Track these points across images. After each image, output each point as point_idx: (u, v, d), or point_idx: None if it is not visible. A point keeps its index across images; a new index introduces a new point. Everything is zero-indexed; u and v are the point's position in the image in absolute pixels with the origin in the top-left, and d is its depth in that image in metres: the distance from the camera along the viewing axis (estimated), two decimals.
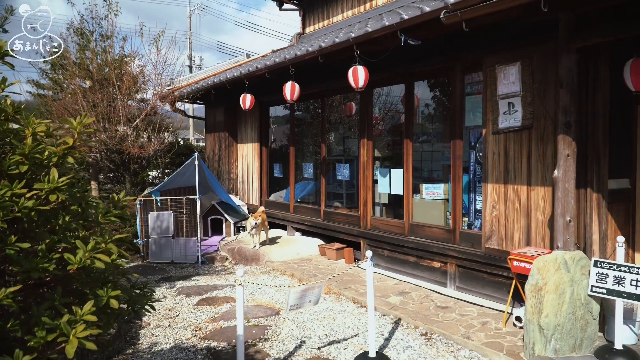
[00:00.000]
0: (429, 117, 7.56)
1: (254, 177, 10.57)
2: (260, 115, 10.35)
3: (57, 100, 8.85)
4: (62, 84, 9.32)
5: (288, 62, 7.19)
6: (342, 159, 8.61)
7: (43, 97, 9.53)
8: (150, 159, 9.66)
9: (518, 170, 5.25)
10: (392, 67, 6.86)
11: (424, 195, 6.64)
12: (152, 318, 5.66)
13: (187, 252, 8.45)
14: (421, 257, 6.52)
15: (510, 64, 5.25)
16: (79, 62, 9.74)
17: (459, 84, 6.02)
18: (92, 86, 9.29)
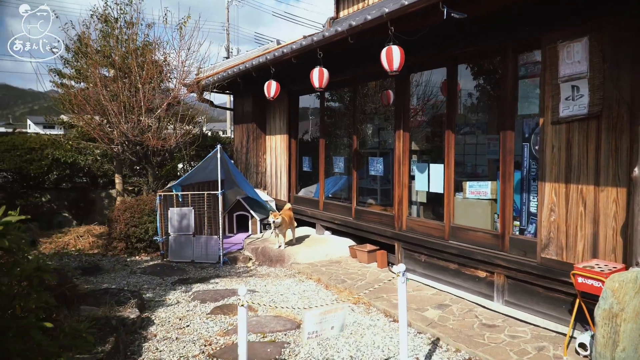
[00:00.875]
0: (473, 106, 6.72)
1: (282, 171, 9.94)
2: (289, 105, 9.69)
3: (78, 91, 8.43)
4: (85, 72, 8.91)
5: (315, 44, 6.48)
6: (376, 152, 7.86)
7: (66, 87, 9.16)
8: (173, 151, 9.15)
9: (583, 167, 4.38)
10: (432, 48, 6.07)
11: (468, 194, 5.83)
12: (160, 328, 5.11)
13: (208, 252, 7.90)
14: (463, 265, 5.72)
15: (575, 39, 4.38)
16: (101, 50, 9.33)
17: (511, 66, 5.17)
18: (115, 75, 8.86)
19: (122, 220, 8.19)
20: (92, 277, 7.06)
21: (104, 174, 10.72)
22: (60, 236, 9.05)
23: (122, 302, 5.48)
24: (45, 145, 9.54)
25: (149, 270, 7.37)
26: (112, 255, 8.31)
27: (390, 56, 5.10)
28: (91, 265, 7.71)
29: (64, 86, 9.19)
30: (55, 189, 10.18)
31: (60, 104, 8.69)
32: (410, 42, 5.64)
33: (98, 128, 8.37)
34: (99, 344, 4.20)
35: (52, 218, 10.13)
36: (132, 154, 8.94)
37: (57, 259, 7.99)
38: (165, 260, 7.95)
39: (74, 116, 8.49)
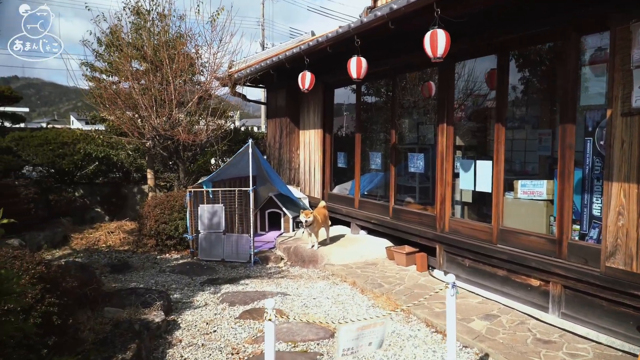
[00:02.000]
0: (526, 96, 6.17)
1: (316, 167, 9.57)
2: (323, 98, 9.30)
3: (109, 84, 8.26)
4: (117, 65, 8.74)
5: (353, 31, 6.06)
6: (416, 147, 7.39)
7: (97, 81, 9.03)
8: (204, 146, 8.90)
9: None
10: (480, 34, 5.56)
11: (520, 193, 5.30)
12: (186, 333, 4.82)
13: (239, 250, 7.60)
14: (514, 272, 5.21)
15: None
16: (133, 42, 9.15)
17: (572, 51, 4.62)
18: (147, 68, 8.66)
19: (152, 217, 7.99)
20: (120, 275, 6.86)
21: (136, 169, 10.59)
22: (92, 232, 8.94)
23: (149, 303, 5.22)
24: (78, 140, 9.46)
25: (178, 269, 7.13)
26: (142, 252, 8.11)
27: (435, 41, 4.63)
28: (120, 262, 7.54)
29: (95, 79, 9.06)
30: (88, 184, 10.11)
31: (92, 97, 8.55)
32: (455, 28, 5.17)
33: (129, 122, 8.18)
34: (120, 352, 3.93)
35: (84, 213, 10.06)
36: (163, 149, 8.73)
37: (87, 256, 7.85)
38: (195, 259, 7.70)
39: (105, 110, 8.33)
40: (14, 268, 3.41)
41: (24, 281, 3.32)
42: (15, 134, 9.29)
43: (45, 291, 3.43)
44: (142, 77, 8.53)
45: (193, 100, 8.37)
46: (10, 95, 10.28)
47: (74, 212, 9.91)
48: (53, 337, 3.40)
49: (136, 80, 8.49)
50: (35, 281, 3.42)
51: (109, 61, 9.32)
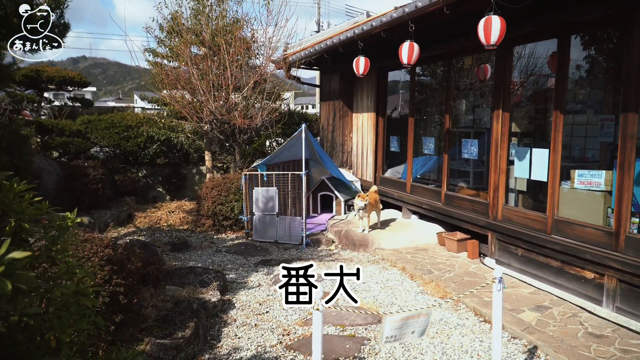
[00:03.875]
0: (585, 82, 5.93)
1: (369, 150, 9.59)
2: (377, 82, 9.26)
3: (170, 70, 8.59)
4: (177, 51, 9.06)
5: (407, 16, 6.00)
6: (470, 132, 7.27)
7: (160, 66, 9.40)
8: (259, 129, 9.12)
9: None
10: (540, 17, 5.37)
11: (577, 183, 5.15)
12: (240, 313, 5.07)
13: (292, 232, 7.82)
14: (567, 263, 5.10)
15: None
16: (192, 28, 9.44)
17: (637, 34, 4.39)
18: (205, 54, 8.93)
19: (209, 198, 8.33)
20: (180, 254, 7.24)
21: (195, 151, 11.00)
22: (154, 211, 9.43)
23: (206, 282, 5.52)
24: (141, 123, 9.93)
25: (233, 249, 7.44)
26: (200, 231, 8.50)
27: (489, 28, 4.54)
28: (180, 241, 7.94)
29: (157, 65, 9.43)
30: (150, 165, 10.62)
31: (154, 82, 8.94)
32: (514, 11, 5.02)
33: (188, 106, 8.50)
34: (180, 329, 4.21)
35: (147, 192, 10.60)
36: (220, 132, 9.02)
37: (150, 234, 8.32)
38: (249, 239, 7.99)
39: (167, 95, 8.70)
40: (85, 251, 3.72)
41: (93, 263, 3.62)
42: (84, 118, 9.88)
43: (112, 272, 3.72)
44: (200, 62, 8.80)
45: (249, 85, 8.57)
46: (80, 81, 10.92)
47: (138, 192, 10.47)
48: (120, 314, 3.70)
49: (195, 65, 8.77)
50: (104, 263, 3.71)
51: (170, 47, 9.66)
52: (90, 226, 7.98)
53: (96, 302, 1.74)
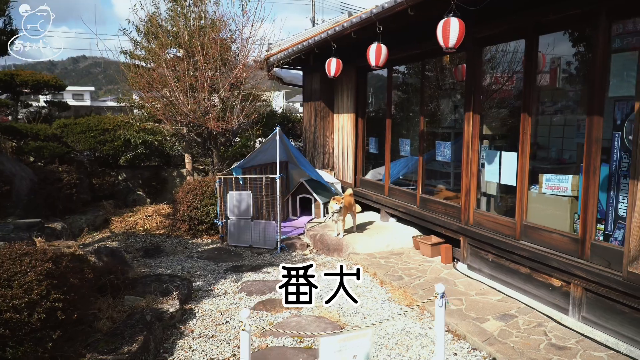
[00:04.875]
0: (562, 82, 5.77)
1: (349, 151, 9.45)
2: (356, 82, 9.11)
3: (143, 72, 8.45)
4: (154, 53, 8.92)
5: (374, 17, 5.86)
6: (445, 135, 7.12)
7: (136, 68, 9.24)
8: (236, 132, 8.98)
9: None
10: (508, 18, 5.23)
11: (544, 188, 5.01)
12: (200, 323, 4.95)
13: (266, 237, 7.69)
14: (536, 270, 4.97)
15: None
16: (170, 30, 9.30)
17: (602, 36, 4.25)
18: (185, 55, 8.78)
19: (185, 202, 8.20)
20: (151, 260, 7.11)
21: (177, 153, 10.88)
22: (131, 215, 9.31)
23: (169, 291, 5.38)
24: (119, 126, 9.79)
25: (206, 255, 7.31)
26: (176, 236, 8.38)
27: (447, 30, 4.39)
28: (154, 246, 7.82)
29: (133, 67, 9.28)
30: (130, 168, 10.49)
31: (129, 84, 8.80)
32: (483, 11, 4.90)
33: (163, 109, 8.37)
34: (127, 343, 4.07)
35: (127, 196, 10.47)
36: (196, 135, 8.88)
37: (124, 239, 8.19)
38: (224, 244, 7.86)
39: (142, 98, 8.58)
40: (23, 265, 3.59)
41: (30, 278, 3.49)
42: (60, 122, 9.75)
43: (51, 287, 3.58)
44: (177, 64, 8.66)
45: (224, 87, 8.43)
46: (56, 84, 10.78)
47: (117, 195, 10.34)
48: (58, 331, 3.57)
49: (172, 67, 8.63)
50: (42, 278, 3.57)
51: (147, 49, 9.52)
52: (64, 232, 7.86)
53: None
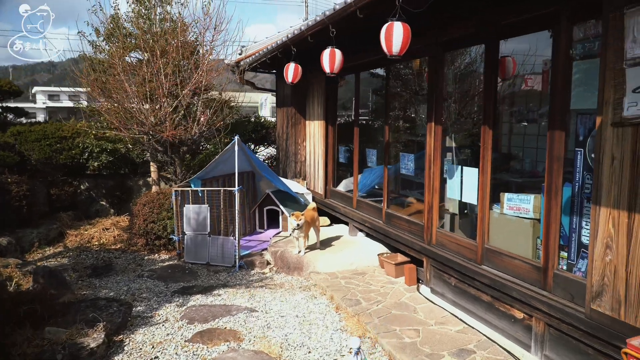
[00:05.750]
0: (519, 94, 5.33)
1: (319, 161, 8.98)
2: (326, 88, 8.64)
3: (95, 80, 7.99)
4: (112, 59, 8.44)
5: (327, 20, 5.40)
6: (409, 146, 6.66)
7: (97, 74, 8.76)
8: (197, 140, 8.50)
9: None
10: (467, 20, 4.77)
11: (506, 209, 4.54)
12: (126, 359, 4.46)
13: (225, 254, 7.22)
14: (497, 299, 4.50)
15: None
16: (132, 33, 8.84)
17: (563, 41, 3.79)
18: (145, 59, 8.31)
19: (141, 215, 7.74)
20: (97, 280, 6.65)
21: (144, 162, 10.40)
22: (88, 228, 8.83)
23: (98, 320, 4.90)
24: (78, 134, 9.31)
25: (158, 273, 6.85)
26: (133, 251, 7.91)
27: (390, 36, 3.93)
28: (105, 263, 7.35)
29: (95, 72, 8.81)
30: (93, 177, 10.02)
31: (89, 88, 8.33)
32: (443, 14, 4.47)
33: (117, 117, 7.90)
34: None
35: (90, 206, 10.00)
36: (157, 143, 8.40)
37: (76, 255, 7.72)
38: (181, 261, 7.39)
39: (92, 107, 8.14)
40: None
41: None
42: (14, 129, 9.26)
43: None
44: (135, 69, 8.19)
45: (184, 93, 7.96)
46: (10, 90, 10.29)
47: (80, 206, 9.87)
48: None
49: (131, 72, 8.17)
50: None
51: (108, 52, 9.05)
52: (10, 248, 7.39)
53: None
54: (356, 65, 7.34)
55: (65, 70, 9.84)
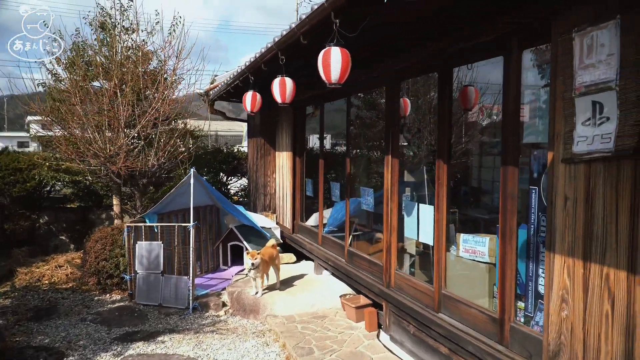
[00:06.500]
0: (489, 125, 4.99)
1: (287, 194, 8.58)
2: (293, 117, 8.32)
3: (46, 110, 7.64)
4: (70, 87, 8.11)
5: (276, 47, 5.07)
6: (370, 180, 6.29)
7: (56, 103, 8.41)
8: (155, 172, 8.10)
9: (611, 238, 2.61)
10: (421, 47, 4.44)
11: (462, 251, 4.13)
12: None
13: (178, 294, 6.72)
14: (454, 352, 4.04)
15: (598, 24, 2.63)
16: (93, 61, 8.52)
17: (513, 68, 3.45)
18: (106, 88, 7.98)
19: (92, 252, 7.26)
20: (36, 324, 6.13)
21: (108, 194, 9.96)
22: (41, 265, 8.33)
23: None
24: (34, 165, 8.90)
25: (104, 316, 6.34)
26: (84, 291, 7.39)
27: (328, 62, 3.57)
28: (50, 305, 6.84)
29: (54, 100, 8.46)
30: (54, 210, 9.56)
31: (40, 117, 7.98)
32: (399, 40, 4.16)
33: (69, 148, 7.52)
34: None
35: (49, 241, 9.52)
36: (114, 175, 7.98)
37: (21, 295, 7.20)
38: (132, 302, 6.88)
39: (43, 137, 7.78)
40: None
41: None
42: None
43: None
44: (93, 98, 7.84)
45: (142, 123, 7.59)
46: None
47: (38, 240, 9.39)
48: None
49: (87, 101, 7.82)
50: None
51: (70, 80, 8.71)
52: None
53: None
54: (319, 95, 7.03)
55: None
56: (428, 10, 3.71)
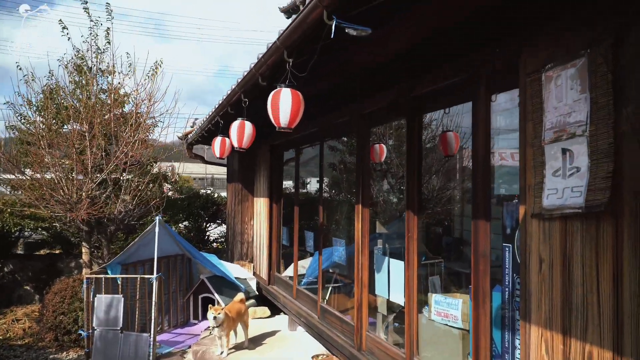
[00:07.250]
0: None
1: (264, 242, 8.15)
2: (270, 163, 7.99)
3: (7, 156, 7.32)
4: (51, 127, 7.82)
5: (238, 89, 4.77)
6: (343, 229, 5.89)
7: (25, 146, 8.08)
8: (127, 219, 7.68)
9: (592, 309, 2.21)
10: (389, 91, 4.15)
11: (434, 314, 3.69)
12: None
13: (138, 354, 6.16)
14: None
15: (567, 63, 2.32)
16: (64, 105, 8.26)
17: (481, 112, 3.12)
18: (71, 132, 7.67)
19: (50, 306, 6.76)
20: None
21: (79, 242, 9.49)
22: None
23: None
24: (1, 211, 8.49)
25: None
26: (40, 347, 6.85)
27: (277, 104, 3.25)
28: None
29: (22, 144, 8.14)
30: (20, 258, 9.08)
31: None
32: (366, 83, 3.87)
33: (36, 193, 7.15)
34: None
35: (13, 292, 8.97)
36: (83, 222, 7.56)
37: None
38: None
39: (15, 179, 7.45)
40: None
41: None
42: None
43: None
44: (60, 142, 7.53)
45: (109, 167, 7.24)
46: None
47: (2, 291, 8.84)
48: None
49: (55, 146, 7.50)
50: None
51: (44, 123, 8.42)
52: None
53: None
54: (294, 140, 6.74)
55: None
56: (390, 53, 3.44)
